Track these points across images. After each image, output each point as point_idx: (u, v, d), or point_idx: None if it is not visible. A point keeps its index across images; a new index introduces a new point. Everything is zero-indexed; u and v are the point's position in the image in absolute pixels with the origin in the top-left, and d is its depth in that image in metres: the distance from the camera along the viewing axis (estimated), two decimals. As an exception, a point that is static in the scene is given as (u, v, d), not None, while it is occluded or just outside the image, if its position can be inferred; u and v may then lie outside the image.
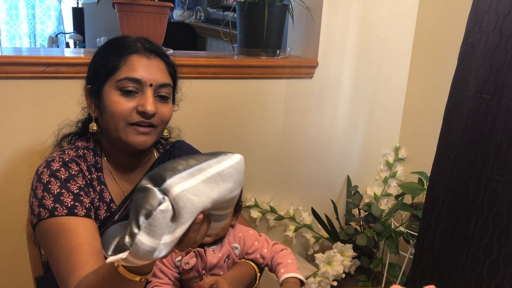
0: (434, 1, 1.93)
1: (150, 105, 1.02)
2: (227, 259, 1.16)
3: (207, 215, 0.77)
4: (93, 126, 1.09)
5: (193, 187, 0.68)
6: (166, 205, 0.67)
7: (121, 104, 1.02)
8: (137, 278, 0.80)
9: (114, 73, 1.03)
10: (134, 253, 0.68)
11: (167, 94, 1.07)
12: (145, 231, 0.67)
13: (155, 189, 0.67)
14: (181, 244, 0.74)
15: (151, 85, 1.03)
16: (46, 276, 1.17)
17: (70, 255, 0.94)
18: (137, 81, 1.02)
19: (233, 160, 0.73)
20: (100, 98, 1.05)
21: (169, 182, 0.67)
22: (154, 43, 1.10)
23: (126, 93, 1.02)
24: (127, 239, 0.68)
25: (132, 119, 1.02)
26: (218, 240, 1.16)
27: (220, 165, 0.71)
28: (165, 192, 0.67)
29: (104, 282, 0.83)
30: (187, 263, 1.12)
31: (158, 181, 0.68)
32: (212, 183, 0.70)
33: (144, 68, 1.03)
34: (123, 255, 0.68)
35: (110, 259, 0.69)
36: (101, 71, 1.05)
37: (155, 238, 0.67)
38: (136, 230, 0.67)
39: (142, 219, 0.67)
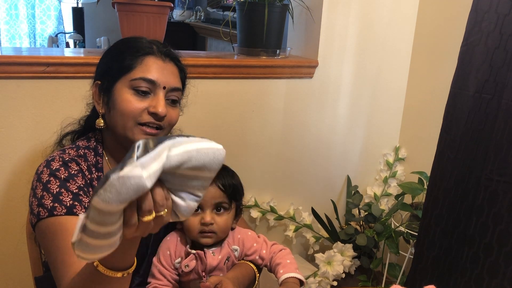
0: (434, 1, 1.93)
1: (161, 107, 1.03)
2: (226, 261, 1.16)
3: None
4: (100, 122, 1.09)
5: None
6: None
7: (133, 104, 1.03)
8: (119, 275, 0.77)
9: (128, 72, 1.04)
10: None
11: (177, 98, 1.09)
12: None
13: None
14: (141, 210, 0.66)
15: (164, 87, 1.05)
16: (46, 276, 1.17)
17: (65, 255, 0.93)
18: (151, 82, 1.03)
19: (215, 145, 0.68)
20: (111, 95, 1.05)
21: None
22: (169, 47, 1.11)
23: (139, 93, 1.03)
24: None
25: (142, 119, 1.03)
26: (218, 242, 1.16)
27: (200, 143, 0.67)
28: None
29: (88, 283, 0.81)
30: (187, 265, 1.12)
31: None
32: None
33: (159, 71, 1.05)
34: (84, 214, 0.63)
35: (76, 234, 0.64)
36: (114, 68, 1.06)
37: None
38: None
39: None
